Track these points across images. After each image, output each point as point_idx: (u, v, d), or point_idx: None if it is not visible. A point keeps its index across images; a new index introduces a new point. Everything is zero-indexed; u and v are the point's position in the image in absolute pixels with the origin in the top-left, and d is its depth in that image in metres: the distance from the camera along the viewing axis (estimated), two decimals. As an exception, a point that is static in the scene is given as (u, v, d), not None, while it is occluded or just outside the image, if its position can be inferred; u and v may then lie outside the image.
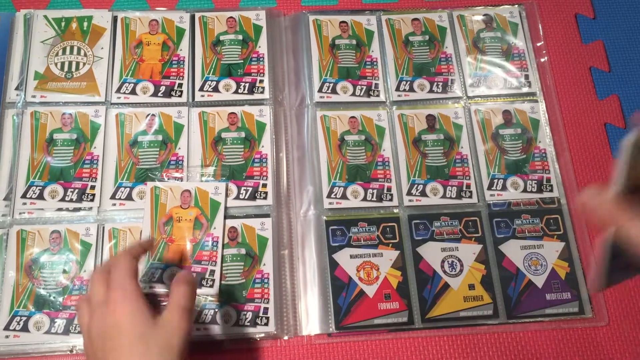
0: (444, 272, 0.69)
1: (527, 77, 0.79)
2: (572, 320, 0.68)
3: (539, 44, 0.81)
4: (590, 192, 0.45)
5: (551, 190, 0.73)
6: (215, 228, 0.68)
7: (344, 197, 0.71)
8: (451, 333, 0.67)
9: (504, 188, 0.73)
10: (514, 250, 0.70)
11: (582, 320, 0.68)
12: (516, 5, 0.84)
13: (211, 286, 0.65)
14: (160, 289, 0.64)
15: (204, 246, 0.67)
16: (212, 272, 0.66)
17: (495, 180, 0.73)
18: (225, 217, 0.69)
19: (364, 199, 0.72)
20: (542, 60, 0.81)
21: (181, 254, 0.66)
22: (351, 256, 0.69)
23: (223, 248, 0.67)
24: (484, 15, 0.83)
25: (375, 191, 0.72)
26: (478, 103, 0.78)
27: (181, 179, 0.70)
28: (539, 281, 0.69)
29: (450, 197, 0.72)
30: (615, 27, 0.84)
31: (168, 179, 0.70)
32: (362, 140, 0.74)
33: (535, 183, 0.73)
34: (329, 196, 0.71)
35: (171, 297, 0.51)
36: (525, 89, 0.79)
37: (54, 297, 0.64)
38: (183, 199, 0.69)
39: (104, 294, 0.49)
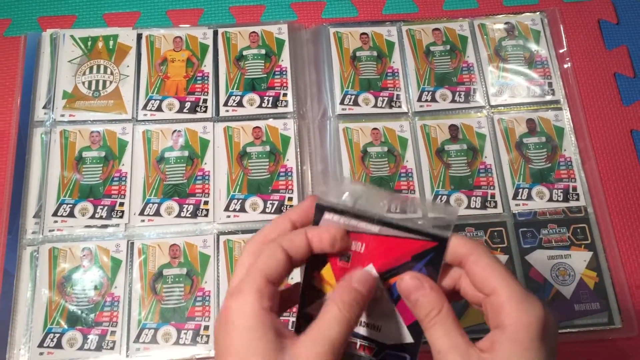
0: (470, 283, 0.68)
1: (550, 84, 0.79)
2: (601, 331, 0.67)
3: (561, 51, 0.81)
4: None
5: (577, 199, 0.73)
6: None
7: (368, 209, 0.72)
8: (479, 345, 0.66)
9: (529, 197, 0.73)
10: (540, 261, 0.70)
11: (611, 331, 0.67)
12: (538, 13, 0.83)
13: None
14: None
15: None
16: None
17: (520, 190, 0.73)
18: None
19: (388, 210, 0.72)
20: (566, 67, 0.80)
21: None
22: (376, 268, 0.69)
23: None
24: (506, 23, 0.82)
25: (399, 202, 0.72)
26: (501, 112, 0.77)
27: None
28: (567, 292, 0.68)
29: (475, 208, 0.72)
30: (640, 31, 0.84)
31: None
32: (384, 152, 0.75)
33: (561, 192, 0.73)
34: (353, 208, 0.71)
35: (320, 318, 0.35)
36: (548, 97, 0.78)
37: (86, 314, 0.66)
38: None
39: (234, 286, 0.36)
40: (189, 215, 0.70)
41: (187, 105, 0.76)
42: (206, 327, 0.65)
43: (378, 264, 0.37)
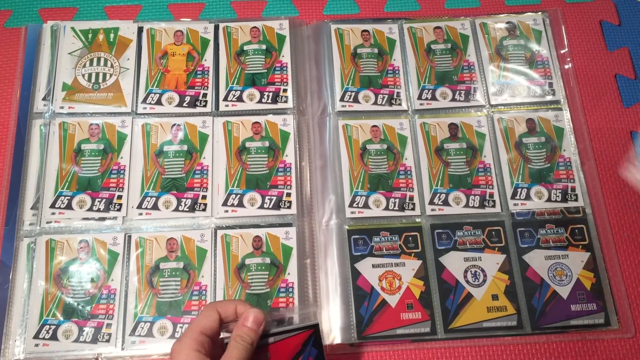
0: (467, 282, 0.68)
1: (551, 85, 0.79)
2: (597, 332, 0.67)
3: (563, 52, 0.81)
4: None
5: (576, 200, 0.73)
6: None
7: (365, 206, 0.72)
8: (474, 344, 0.67)
9: (527, 197, 0.73)
10: (538, 261, 0.69)
11: (607, 332, 0.67)
12: (540, 13, 0.83)
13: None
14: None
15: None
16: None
17: (519, 190, 0.73)
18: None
19: (386, 208, 0.72)
20: (567, 67, 0.80)
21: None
22: (373, 265, 0.69)
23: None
24: (507, 22, 0.82)
25: (397, 200, 0.72)
26: (501, 111, 0.77)
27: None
28: (564, 292, 0.68)
29: (473, 207, 0.72)
30: (641, 33, 0.84)
31: None
32: (384, 149, 0.74)
33: (559, 192, 0.73)
34: (350, 205, 0.71)
35: (227, 349, 0.50)
36: (549, 97, 0.78)
37: (82, 306, 0.66)
38: None
39: None
40: (187, 210, 0.70)
41: (187, 99, 0.76)
42: (202, 322, 0.65)
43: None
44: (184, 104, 0.75)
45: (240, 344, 0.50)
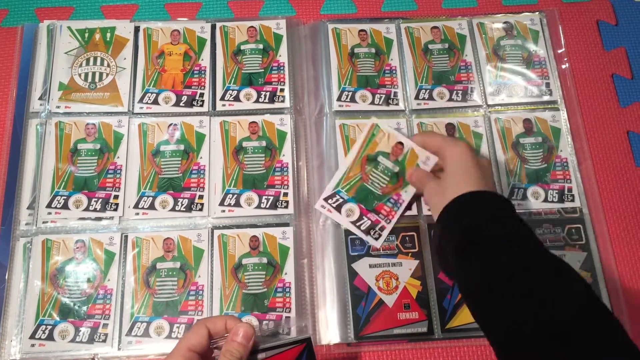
0: (464, 281, 0.68)
1: (548, 85, 0.79)
2: (594, 332, 0.67)
3: (560, 51, 0.81)
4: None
5: (573, 200, 0.73)
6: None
7: (363, 206, 0.72)
8: (471, 344, 0.67)
9: (524, 197, 0.73)
10: (535, 261, 0.69)
11: (604, 332, 0.67)
12: (537, 13, 0.83)
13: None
14: None
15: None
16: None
17: (516, 190, 0.73)
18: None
19: (384, 208, 0.72)
20: (564, 67, 0.80)
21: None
22: (370, 265, 0.69)
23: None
24: (504, 22, 0.82)
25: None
26: (498, 111, 0.77)
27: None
28: (561, 292, 0.68)
29: (470, 207, 0.72)
30: (638, 33, 0.84)
31: None
32: (381, 149, 0.74)
33: (556, 192, 0.73)
34: (348, 205, 0.71)
35: None
36: (546, 97, 0.78)
37: (78, 306, 0.65)
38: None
39: None
40: (184, 209, 0.70)
41: (184, 98, 0.76)
42: (199, 322, 0.65)
43: None
44: (181, 104, 0.75)
45: (228, 359, 0.50)
